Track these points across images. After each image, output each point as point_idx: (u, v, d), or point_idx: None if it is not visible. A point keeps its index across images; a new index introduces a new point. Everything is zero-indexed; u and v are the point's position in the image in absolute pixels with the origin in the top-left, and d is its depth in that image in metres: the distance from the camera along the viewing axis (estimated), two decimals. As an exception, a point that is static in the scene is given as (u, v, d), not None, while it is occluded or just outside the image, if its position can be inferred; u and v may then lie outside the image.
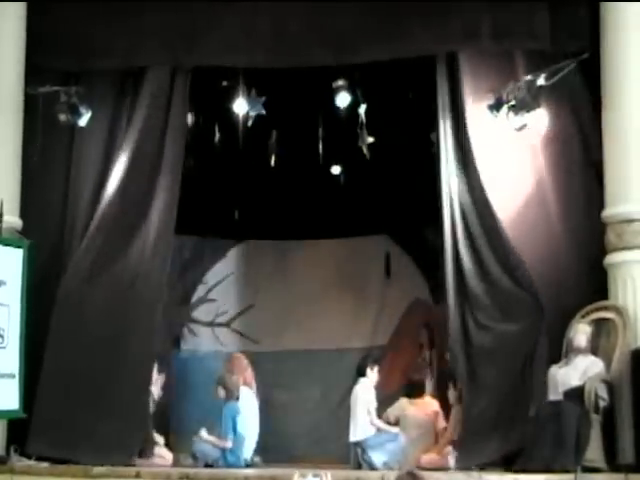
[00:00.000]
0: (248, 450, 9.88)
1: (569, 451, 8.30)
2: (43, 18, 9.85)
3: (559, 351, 9.11)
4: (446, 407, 10.31)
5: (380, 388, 10.28)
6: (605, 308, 9.10)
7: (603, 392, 8.59)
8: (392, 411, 10.22)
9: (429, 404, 10.48)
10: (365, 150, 11.96)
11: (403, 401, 10.26)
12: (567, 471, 8.16)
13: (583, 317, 9.10)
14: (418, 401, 10.32)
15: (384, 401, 10.37)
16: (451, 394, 10.08)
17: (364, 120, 11.64)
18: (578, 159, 9.67)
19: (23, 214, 9.62)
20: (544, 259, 9.57)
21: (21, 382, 8.80)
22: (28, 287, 8.94)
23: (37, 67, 9.81)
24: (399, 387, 10.54)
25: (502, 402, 9.17)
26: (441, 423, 10.25)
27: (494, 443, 8.96)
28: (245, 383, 10.24)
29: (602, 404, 8.58)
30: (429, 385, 10.88)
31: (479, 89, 9.73)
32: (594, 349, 9.01)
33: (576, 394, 8.58)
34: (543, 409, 8.80)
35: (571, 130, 9.71)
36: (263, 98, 11.32)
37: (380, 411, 10.05)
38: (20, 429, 9.03)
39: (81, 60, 9.89)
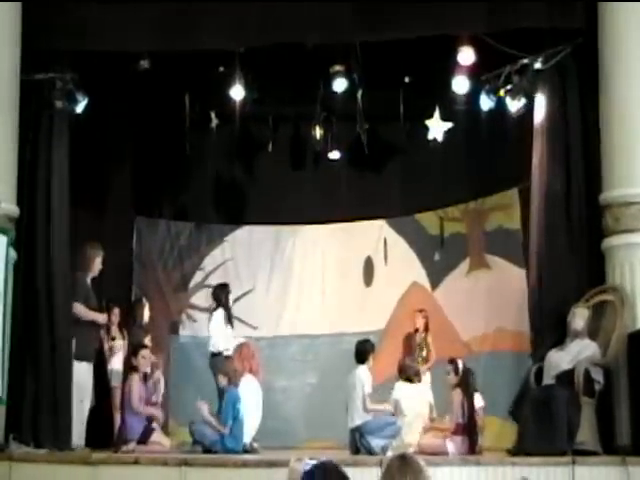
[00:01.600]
0: (248, 436, 9.88)
1: (561, 434, 8.34)
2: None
3: (559, 336, 9.14)
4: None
5: (377, 373, 10.30)
6: (604, 291, 9.10)
7: (598, 375, 8.61)
8: (392, 397, 10.23)
9: (425, 389, 10.49)
10: (363, 136, 11.97)
11: (400, 385, 10.26)
12: (564, 454, 8.20)
13: (587, 301, 9.10)
14: (414, 386, 10.32)
15: (381, 386, 10.41)
16: (451, 379, 10.04)
17: (361, 106, 11.64)
18: (577, 142, 9.65)
19: (20, 201, 9.58)
20: (542, 243, 9.58)
21: (4, 370, 8.73)
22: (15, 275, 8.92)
23: (33, 53, 9.76)
24: (395, 372, 10.53)
25: None
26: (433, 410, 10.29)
27: None
28: (251, 371, 10.20)
29: (597, 387, 8.60)
30: (424, 370, 10.88)
31: None
32: (595, 332, 9.01)
33: (567, 378, 8.61)
34: (535, 393, 8.83)
35: (569, 113, 9.68)
36: (256, 83, 11.30)
37: (376, 396, 10.06)
38: (19, 417, 9.02)
39: (73, 43, 9.79)
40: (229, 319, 11.08)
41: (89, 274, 9.95)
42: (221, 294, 11.17)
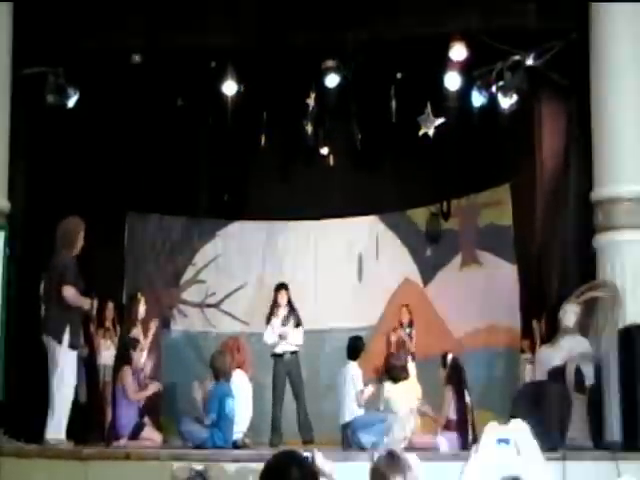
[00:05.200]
0: (238, 432, 9.85)
1: (553, 430, 8.34)
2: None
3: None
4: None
5: (367, 369, 10.30)
6: (595, 287, 9.12)
7: (589, 371, 8.63)
8: (382, 397, 10.23)
9: (413, 386, 10.50)
10: (355, 131, 11.97)
11: (388, 385, 10.25)
12: (555, 449, 8.21)
13: (578, 297, 9.12)
14: (402, 383, 10.32)
15: (371, 381, 10.40)
16: (441, 372, 10.05)
17: (353, 101, 11.64)
18: (568, 139, 9.67)
19: (11, 196, 9.56)
20: (533, 239, 9.60)
21: (1, 365, 8.70)
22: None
23: (25, 48, 9.74)
24: (384, 369, 10.53)
25: None
26: (424, 406, 10.27)
27: None
28: (239, 366, 10.18)
29: (588, 383, 8.62)
30: (411, 367, 10.87)
31: None
32: (586, 328, 9.02)
33: (558, 374, 8.63)
34: (526, 389, 8.84)
35: (561, 111, 9.70)
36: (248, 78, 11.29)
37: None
38: (9, 412, 9.01)
39: (65, 41, 9.78)
40: None
41: (73, 251, 8.73)
42: None
